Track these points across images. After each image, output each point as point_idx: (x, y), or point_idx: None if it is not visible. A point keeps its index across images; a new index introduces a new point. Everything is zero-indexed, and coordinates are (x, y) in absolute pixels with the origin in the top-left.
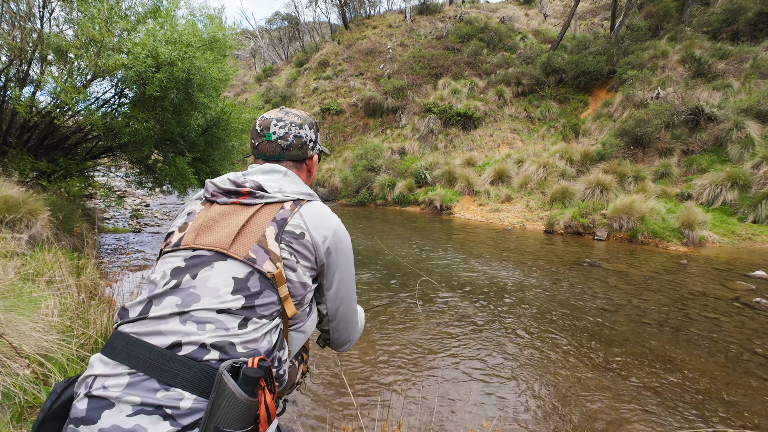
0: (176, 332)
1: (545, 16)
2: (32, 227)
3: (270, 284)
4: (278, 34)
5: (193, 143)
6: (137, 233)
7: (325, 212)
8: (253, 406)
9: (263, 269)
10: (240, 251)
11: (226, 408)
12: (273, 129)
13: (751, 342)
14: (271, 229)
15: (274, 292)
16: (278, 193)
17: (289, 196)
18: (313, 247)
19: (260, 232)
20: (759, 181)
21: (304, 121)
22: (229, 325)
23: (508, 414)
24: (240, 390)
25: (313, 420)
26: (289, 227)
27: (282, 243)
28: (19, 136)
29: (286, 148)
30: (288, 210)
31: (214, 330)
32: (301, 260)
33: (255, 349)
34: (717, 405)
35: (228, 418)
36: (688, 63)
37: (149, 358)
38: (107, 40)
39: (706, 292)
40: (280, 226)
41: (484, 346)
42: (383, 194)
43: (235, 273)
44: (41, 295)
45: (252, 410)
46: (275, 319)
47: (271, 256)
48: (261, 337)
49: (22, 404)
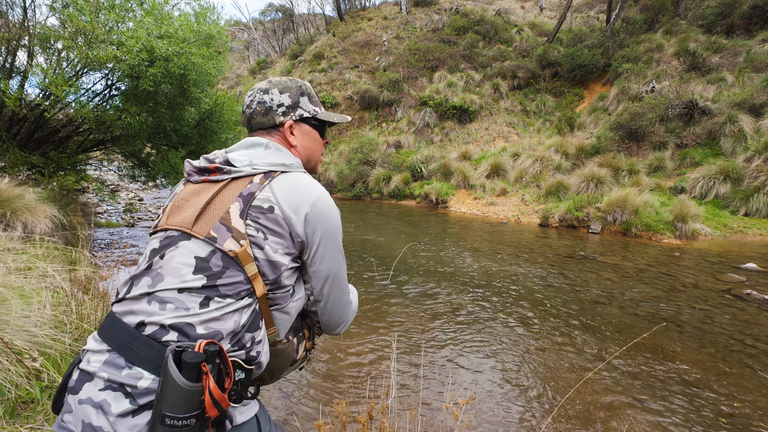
0: (142, 312)
1: (541, 9)
2: (25, 221)
3: (234, 263)
4: (272, 26)
5: (187, 137)
6: (131, 227)
7: (302, 182)
8: (195, 391)
9: (224, 248)
10: (202, 230)
11: (170, 393)
12: (246, 100)
13: (742, 333)
14: (236, 205)
15: (239, 270)
16: (247, 166)
17: (258, 169)
18: (286, 222)
19: (224, 209)
20: (751, 175)
21: (274, 86)
22: (189, 305)
23: (488, 397)
24: (179, 375)
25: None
26: (257, 201)
27: (248, 219)
28: (8, 129)
29: (250, 116)
30: (257, 184)
31: (174, 310)
32: (270, 236)
33: (217, 330)
34: (708, 395)
35: (171, 403)
36: (682, 56)
37: (121, 337)
38: (98, 31)
39: (698, 284)
40: (246, 202)
41: (483, 339)
42: (379, 188)
43: (198, 252)
44: (34, 289)
45: (195, 396)
46: (244, 299)
47: (234, 233)
48: (224, 317)
49: (15, 400)
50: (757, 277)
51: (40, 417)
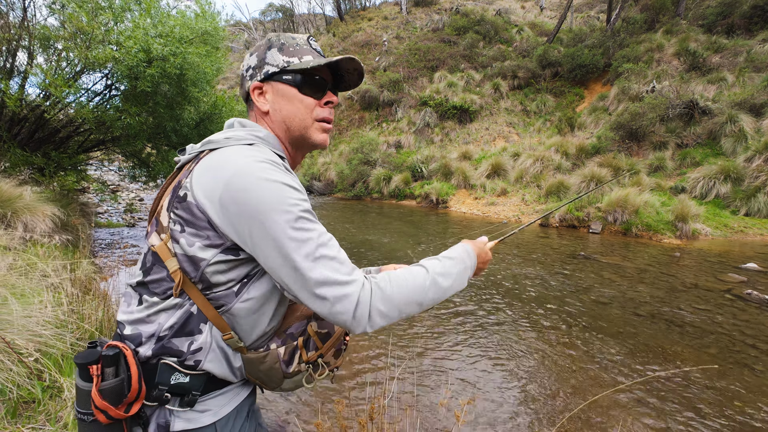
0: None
1: (541, 9)
2: (26, 221)
3: (158, 258)
4: (272, 26)
5: (187, 137)
6: (131, 227)
7: (222, 158)
8: (85, 391)
9: (149, 242)
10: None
11: (77, 385)
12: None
13: (743, 333)
14: (168, 198)
15: (162, 267)
16: (189, 154)
17: (194, 151)
18: (199, 210)
19: (161, 201)
20: (752, 175)
21: (252, 50)
22: (130, 302)
23: (492, 397)
24: (77, 371)
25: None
26: (180, 191)
27: (171, 211)
28: (9, 129)
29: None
30: (187, 170)
31: (122, 305)
32: (187, 228)
33: (139, 331)
34: (709, 395)
35: (77, 394)
36: (683, 56)
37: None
38: (96, 32)
39: (698, 285)
40: (174, 191)
41: (481, 337)
42: (379, 188)
43: (144, 247)
44: (35, 289)
45: (87, 395)
46: (170, 299)
47: (158, 227)
48: (148, 317)
49: (16, 400)
50: (758, 277)
51: (41, 417)
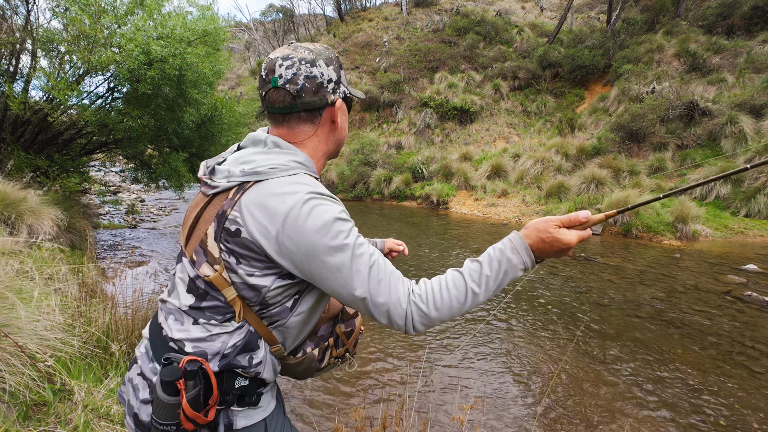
0: (162, 314)
1: (542, 9)
2: (30, 224)
3: (214, 287)
4: (273, 27)
5: (188, 139)
6: (133, 229)
7: (273, 194)
8: (172, 404)
9: (201, 272)
10: (189, 250)
11: (156, 400)
12: (279, 71)
13: (742, 335)
14: (212, 226)
15: (219, 294)
16: (224, 179)
17: (233, 181)
18: (256, 246)
19: (204, 229)
20: (752, 176)
21: (318, 56)
22: (183, 321)
23: (494, 399)
24: (160, 387)
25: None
26: (227, 223)
27: (221, 242)
28: (13, 132)
29: (297, 95)
30: (230, 200)
31: (174, 322)
32: (242, 261)
33: (203, 349)
34: (708, 397)
35: (157, 408)
36: (683, 57)
37: (153, 332)
38: (99, 35)
39: (698, 286)
40: (219, 222)
41: (476, 338)
42: (380, 189)
43: (189, 271)
44: (42, 293)
45: (172, 408)
46: (230, 321)
47: (209, 258)
48: (210, 338)
49: (27, 403)
50: (758, 279)
51: (52, 419)
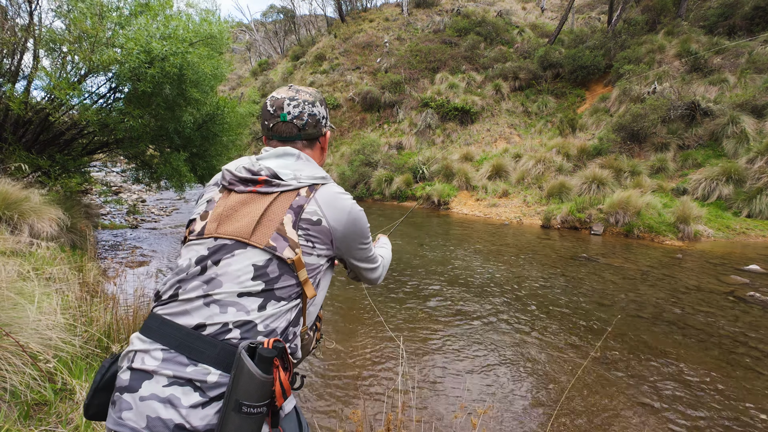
0: (200, 314)
1: (542, 10)
2: (32, 224)
3: (289, 269)
4: (274, 28)
5: (189, 139)
6: (134, 229)
7: (339, 195)
8: (268, 382)
9: (283, 256)
10: (260, 240)
11: (245, 384)
12: (287, 109)
13: (745, 336)
14: (289, 217)
15: (292, 276)
16: (293, 180)
17: (303, 182)
18: (330, 232)
19: (278, 220)
20: (754, 176)
21: (316, 99)
22: (249, 308)
23: (500, 402)
24: (256, 368)
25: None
26: (306, 214)
27: (299, 230)
28: (14, 132)
29: (302, 128)
30: (304, 197)
31: (236, 312)
32: (317, 245)
33: (273, 328)
34: (711, 397)
35: (247, 392)
36: (684, 57)
37: (179, 337)
38: (100, 35)
39: (700, 287)
40: (296, 214)
41: (479, 339)
42: (381, 189)
43: (255, 260)
44: (43, 293)
45: (268, 386)
46: (294, 300)
47: (290, 243)
48: (279, 317)
49: (29, 402)
50: (760, 279)
51: (53, 419)
